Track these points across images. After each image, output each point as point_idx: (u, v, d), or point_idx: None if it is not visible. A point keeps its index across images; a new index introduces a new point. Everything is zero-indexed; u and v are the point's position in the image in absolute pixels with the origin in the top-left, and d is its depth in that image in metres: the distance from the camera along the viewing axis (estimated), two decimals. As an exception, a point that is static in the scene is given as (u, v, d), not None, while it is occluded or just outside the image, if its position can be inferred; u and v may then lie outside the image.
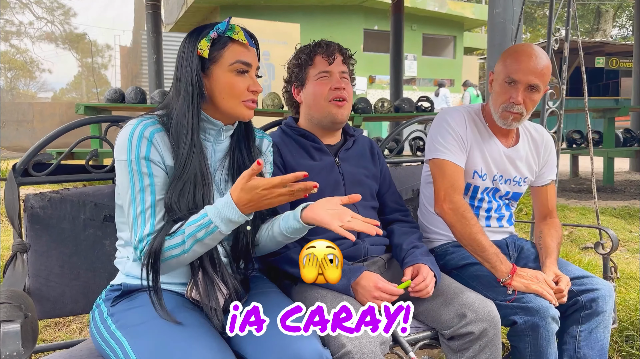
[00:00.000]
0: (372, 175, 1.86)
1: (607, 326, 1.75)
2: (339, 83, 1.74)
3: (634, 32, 10.29)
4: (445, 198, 1.79)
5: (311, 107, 1.78)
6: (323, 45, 1.77)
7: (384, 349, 1.42)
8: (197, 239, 1.26)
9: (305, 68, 1.78)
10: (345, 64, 1.79)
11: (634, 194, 7.50)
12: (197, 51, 1.36)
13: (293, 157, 1.75)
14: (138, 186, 1.30)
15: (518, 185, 1.98)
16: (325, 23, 17.26)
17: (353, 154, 1.86)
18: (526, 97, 1.78)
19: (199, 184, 1.33)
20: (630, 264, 3.87)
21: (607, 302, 1.73)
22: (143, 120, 1.34)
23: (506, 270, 1.69)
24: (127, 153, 1.30)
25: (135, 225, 1.30)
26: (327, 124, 1.78)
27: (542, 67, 1.77)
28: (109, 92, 7.46)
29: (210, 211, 1.25)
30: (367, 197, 1.80)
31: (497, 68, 1.85)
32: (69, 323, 2.85)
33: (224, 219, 1.24)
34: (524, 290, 1.66)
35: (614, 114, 8.04)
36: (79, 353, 1.40)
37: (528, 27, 28.77)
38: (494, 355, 1.56)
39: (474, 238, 1.73)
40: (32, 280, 1.60)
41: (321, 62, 1.75)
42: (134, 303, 1.34)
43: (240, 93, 1.40)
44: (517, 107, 1.78)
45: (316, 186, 1.23)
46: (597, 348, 1.72)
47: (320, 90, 1.74)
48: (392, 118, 8.31)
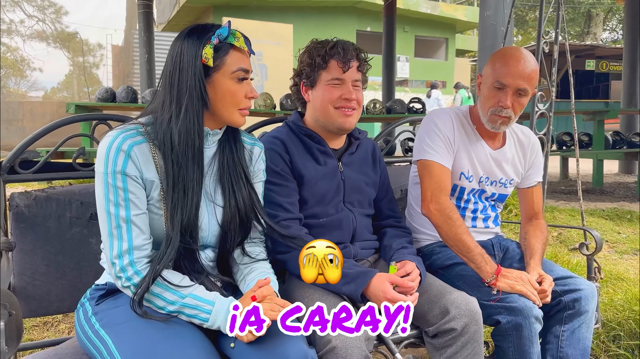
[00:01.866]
0: (372, 182, 1.84)
1: (590, 326, 1.77)
2: (349, 93, 1.67)
3: (624, 35, 10.38)
4: (432, 199, 1.81)
5: (318, 110, 1.72)
6: (340, 51, 1.66)
7: (368, 345, 1.43)
8: (184, 312, 1.29)
9: (317, 70, 1.69)
10: (360, 71, 1.71)
11: (622, 196, 7.57)
12: (202, 59, 1.32)
13: (300, 158, 1.71)
14: (113, 200, 1.28)
15: (504, 187, 1.99)
16: (318, 24, 17.25)
17: (356, 159, 1.82)
18: (514, 101, 1.79)
19: (193, 195, 1.33)
20: (618, 265, 3.91)
21: (589, 302, 1.75)
22: (123, 132, 1.30)
23: (491, 270, 1.71)
24: (104, 166, 1.28)
25: (111, 239, 1.29)
26: (333, 130, 1.73)
27: (531, 70, 1.77)
28: (100, 91, 7.42)
29: (218, 309, 1.28)
30: (364, 205, 1.81)
31: (486, 72, 1.86)
32: (58, 323, 2.84)
33: (222, 321, 1.27)
34: (509, 290, 1.67)
35: (604, 117, 8.10)
36: (65, 351, 1.39)
37: (520, 29, 28.95)
38: (476, 351, 1.57)
39: (459, 239, 1.75)
40: (18, 279, 1.60)
41: (335, 68, 1.67)
42: (117, 302, 1.34)
43: (240, 100, 1.39)
44: (505, 111, 1.79)
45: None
46: (579, 348, 1.74)
47: (329, 96, 1.67)
48: (383, 120, 8.33)
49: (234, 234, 1.44)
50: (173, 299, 1.28)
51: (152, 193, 1.33)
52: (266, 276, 1.40)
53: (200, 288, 1.32)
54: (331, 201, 1.73)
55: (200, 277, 1.36)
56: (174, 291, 1.29)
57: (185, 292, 1.29)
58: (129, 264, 1.28)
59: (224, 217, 1.43)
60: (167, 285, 1.28)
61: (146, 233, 1.32)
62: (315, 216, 1.71)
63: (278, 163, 1.66)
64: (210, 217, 1.41)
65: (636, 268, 3.85)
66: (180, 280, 1.31)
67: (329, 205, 1.72)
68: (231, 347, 1.28)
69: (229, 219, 1.43)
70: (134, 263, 1.29)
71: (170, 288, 1.29)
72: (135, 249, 1.29)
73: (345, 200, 1.76)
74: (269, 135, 1.76)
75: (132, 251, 1.29)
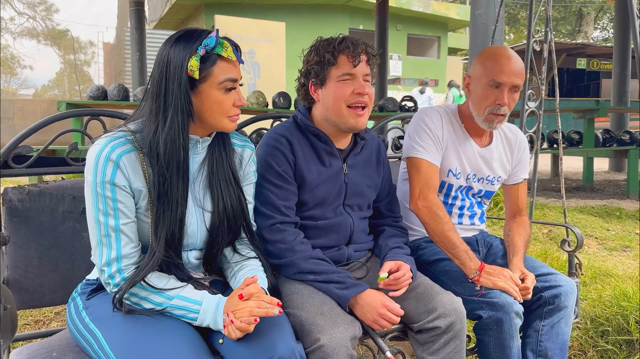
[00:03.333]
0: (374, 184, 1.83)
1: (569, 321, 1.82)
2: (362, 88, 1.63)
3: (615, 34, 10.46)
4: (420, 196, 1.84)
5: (329, 109, 1.66)
6: (349, 45, 1.63)
7: (353, 343, 1.46)
8: (173, 313, 1.31)
9: (327, 67, 1.64)
10: (369, 65, 1.67)
11: (612, 193, 7.64)
12: (187, 71, 1.30)
13: (305, 160, 1.68)
14: (102, 209, 1.29)
15: (491, 184, 2.03)
16: (310, 22, 17.23)
17: (361, 160, 1.80)
18: (510, 98, 1.83)
19: (177, 208, 1.34)
20: (606, 261, 3.96)
21: (569, 298, 1.80)
22: (112, 140, 1.30)
23: (475, 267, 1.75)
24: (93, 175, 1.28)
25: (100, 247, 1.30)
26: (344, 129, 1.69)
27: (521, 67, 1.83)
28: (91, 89, 7.38)
29: (205, 309, 1.30)
30: (363, 208, 1.81)
31: (476, 72, 1.87)
32: (50, 321, 2.84)
33: (210, 320, 1.29)
34: (491, 286, 1.71)
35: (594, 115, 8.17)
36: (57, 342, 1.41)
37: (512, 28, 29.06)
38: (459, 348, 1.61)
39: (445, 236, 1.79)
40: (11, 271, 1.61)
41: (345, 63, 1.62)
42: (108, 297, 1.35)
43: (227, 109, 1.37)
44: (503, 109, 1.82)
45: (281, 312, 1.28)
46: (558, 342, 1.79)
47: (341, 93, 1.62)
48: (376, 118, 8.35)
49: (221, 238, 1.46)
50: (160, 301, 1.30)
51: (140, 203, 1.33)
52: (254, 274, 1.41)
53: (188, 288, 1.33)
54: (331, 205, 1.72)
55: (187, 281, 1.37)
56: (160, 293, 1.30)
57: (172, 294, 1.31)
58: (116, 271, 1.30)
59: (212, 222, 1.43)
60: (152, 288, 1.30)
61: (134, 241, 1.33)
62: (313, 218, 1.70)
63: (281, 163, 1.63)
64: (199, 223, 1.42)
65: (624, 264, 3.90)
66: (165, 283, 1.32)
67: (328, 208, 1.71)
68: (220, 343, 1.30)
69: (217, 224, 1.43)
70: (122, 270, 1.30)
71: (156, 291, 1.30)
72: (123, 257, 1.31)
73: (345, 204, 1.75)
74: (275, 131, 1.71)
75: (120, 259, 1.30)
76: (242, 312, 1.24)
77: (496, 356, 1.70)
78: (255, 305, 1.25)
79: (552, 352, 1.78)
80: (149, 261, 1.30)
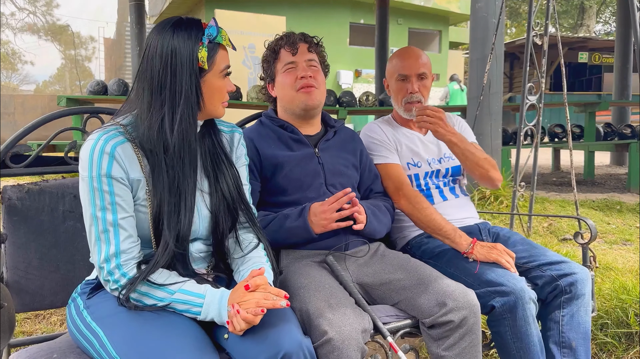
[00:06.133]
0: (351, 165, 1.88)
1: (588, 310, 1.78)
2: (304, 71, 1.77)
3: (616, 28, 10.41)
4: (399, 194, 1.96)
5: (283, 99, 1.83)
6: (284, 37, 1.82)
7: (364, 337, 1.43)
8: (176, 307, 1.30)
9: (272, 63, 1.84)
10: (312, 52, 1.82)
11: (613, 187, 7.64)
12: (199, 62, 1.31)
13: (270, 148, 1.77)
14: (99, 204, 1.27)
15: (451, 159, 2.14)
16: (311, 16, 17.18)
17: (333, 145, 1.88)
18: (419, 85, 2.06)
19: (189, 199, 1.34)
20: (607, 255, 3.95)
21: (585, 285, 1.76)
22: (104, 134, 1.29)
23: (466, 242, 1.82)
24: (89, 170, 1.27)
25: (98, 244, 1.29)
26: (300, 112, 1.81)
27: (423, 58, 2.07)
28: (91, 84, 7.37)
29: (209, 302, 1.28)
30: (349, 187, 1.80)
31: (388, 72, 2.14)
32: (50, 315, 2.85)
33: (214, 313, 1.28)
34: (484, 259, 1.76)
35: (595, 109, 8.15)
36: (58, 345, 1.39)
37: (513, 21, 28.95)
38: (474, 343, 1.57)
39: (430, 219, 1.88)
40: (11, 273, 1.60)
41: (285, 54, 1.80)
42: (108, 295, 1.34)
43: (224, 95, 1.41)
44: (415, 96, 2.05)
45: (288, 304, 1.27)
46: (580, 331, 1.75)
47: (287, 81, 1.79)
48: (376, 112, 8.34)
49: (224, 217, 1.44)
50: (162, 296, 1.29)
51: (139, 193, 1.32)
52: (260, 266, 1.41)
53: (190, 282, 1.32)
54: (311, 186, 1.76)
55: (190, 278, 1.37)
56: (162, 288, 1.29)
57: (174, 288, 1.29)
58: (116, 267, 1.28)
59: (212, 202, 1.44)
60: (153, 284, 1.29)
61: (133, 236, 1.32)
62: (296, 202, 1.73)
63: None
64: (201, 206, 1.42)
65: (624, 258, 3.90)
66: (165, 278, 1.31)
67: (308, 190, 1.76)
68: (225, 338, 1.30)
69: (217, 203, 1.44)
70: (121, 266, 1.29)
71: (157, 286, 1.29)
72: (122, 252, 1.29)
73: (328, 183, 1.80)
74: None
75: (119, 254, 1.29)
76: (248, 303, 1.22)
77: (515, 347, 1.66)
78: (262, 297, 1.23)
79: (575, 342, 1.74)
80: (162, 254, 1.30)
